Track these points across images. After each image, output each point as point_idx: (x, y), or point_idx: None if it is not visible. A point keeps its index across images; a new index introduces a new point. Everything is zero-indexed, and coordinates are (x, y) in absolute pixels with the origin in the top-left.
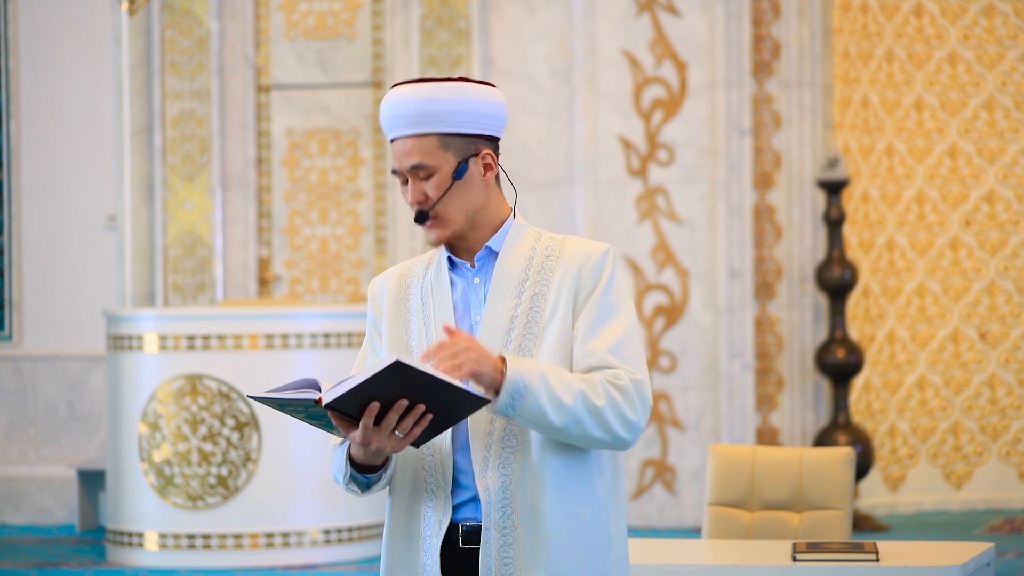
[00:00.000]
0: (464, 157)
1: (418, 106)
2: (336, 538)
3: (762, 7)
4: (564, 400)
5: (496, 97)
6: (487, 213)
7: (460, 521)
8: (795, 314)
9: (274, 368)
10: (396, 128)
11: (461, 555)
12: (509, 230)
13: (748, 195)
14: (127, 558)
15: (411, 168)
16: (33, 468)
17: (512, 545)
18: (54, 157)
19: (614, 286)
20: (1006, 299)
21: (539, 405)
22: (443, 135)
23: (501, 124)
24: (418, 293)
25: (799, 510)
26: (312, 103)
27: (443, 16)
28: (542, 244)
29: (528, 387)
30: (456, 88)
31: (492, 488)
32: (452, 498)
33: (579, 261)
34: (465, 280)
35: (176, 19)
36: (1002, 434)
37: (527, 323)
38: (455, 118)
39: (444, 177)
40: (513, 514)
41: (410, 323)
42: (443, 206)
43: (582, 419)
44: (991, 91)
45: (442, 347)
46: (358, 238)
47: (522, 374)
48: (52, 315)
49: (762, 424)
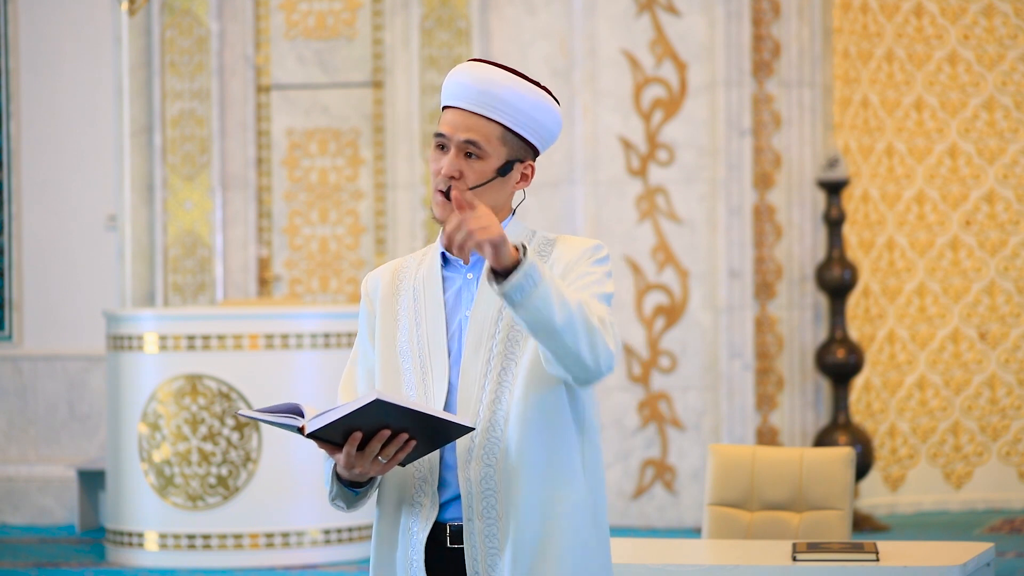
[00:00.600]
0: (514, 158)
1: (499, 91)
2: (336, 538)
3: (762, 7)
4: (568, 301)
5: (559, 116)
6: (497, 212)
7: (447, 521)
8: (795, 314)
9: (274, 368)
10: (464, 99)
11: (448, 555)
12: (507, 227)
13: (748, 195)
14: (127, 558)
15: (463, 142)
16: (33, 468)
17: (496, 535)
18: (54, 157)
19: (602, 266)
20: (1006, 299)
21: (547, 295)
22: (508, 129)
23: (551, 142)
24: (410, 289)
25: (799, 510)
26: (312, 103)
27: (443, 16)
28: (536, 241)
29: (542, 276)
30: (536, 92)
31: (474, 479)
32: (439, 495)
33: (568, 255)
34: (459, 276)
35: (176, 19)
36: (1002, 434)
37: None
38: (525, 120)
39: (490, 168)
40: (497, 504)
41: (400, 319)
42: (476, 194)
43: (577, 327)
44: (991, 91)
45: (467, 216)
46: (358, 238)
47: (536, 263)
48: (52, 315)
49: (762, 424)
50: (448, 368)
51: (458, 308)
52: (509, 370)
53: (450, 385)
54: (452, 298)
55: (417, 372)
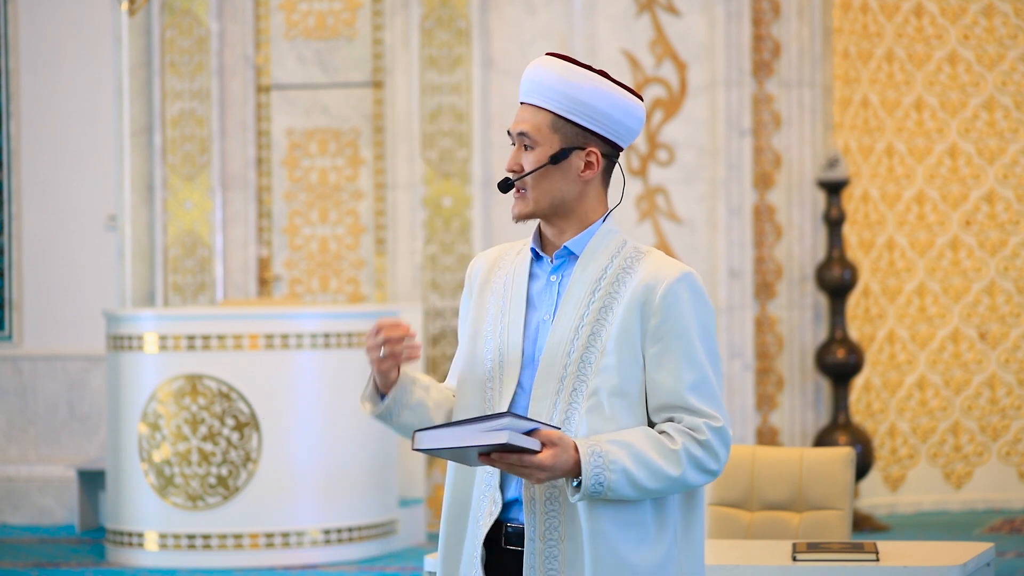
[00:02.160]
0: (569, 146)
1: (548, 80)
2: (336, 538)
3: (762, 7)
4: (646, 485)
5: (632, 105)
6: (578, 209)
7: (507, 520)
8: (795, 314)
9: (274, 368)
10: (525, 93)
11: (505, 554)
12: (595, 234)
13: (748, 195)
14: (127, 558)
15: (518, 134)
16: (33, 468)
17: (557, 557)
18: (54, 157)
19: (690, 315)
20: (1006, 299)
21: (619, 495)
22: (558, 116)
23: (625, 133)
24: (502, 279)
25: (799, 510)
26: (312, 103)
27: (443, 16)
28: (623, 255)
29: (606, 485)
30: (590, 79)
31: (539, 499)
32: (502, 495)
33: (652, 282)
34: (544, 275)
35: (176, 19)
36: (1002, 434)
37: (591, 335)
38: (576, 106)
39: (542, 156)
40: (560, 525)
41: (489, 307)
42: (531, 183)
43: (664, 490)
44: (991, 91)
45: (528, 463)
46: (358, 238)
47: (599, 474)
48: (52, 315)
49: (762, 424)
50: (520, 368)
51: (538, 309)
52: (580, 391)
53: (520, 386)
54: (535, 296)
55: (495, 365)
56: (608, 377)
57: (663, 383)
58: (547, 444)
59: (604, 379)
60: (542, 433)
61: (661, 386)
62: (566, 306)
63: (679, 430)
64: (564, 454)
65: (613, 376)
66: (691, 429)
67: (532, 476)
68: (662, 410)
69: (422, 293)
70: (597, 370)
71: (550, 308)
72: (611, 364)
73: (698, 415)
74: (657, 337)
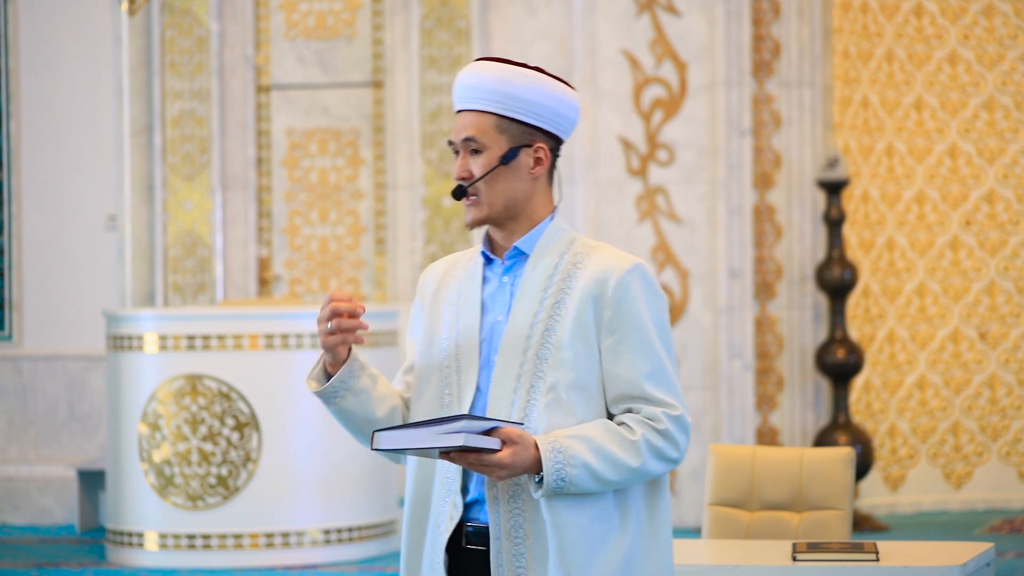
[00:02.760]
0: (517, 145)
1: (486, 83)
2: (336, 538)
3: (762, 7)
4: (607, 477)
5: (568, 98)
6: (528, 208)
7: (468, 521)
8: (795, 314)
9: (274, 368)
10: (461, 100)
11: (467, 555)
12: (544, 231)
13: (748, 195)
14: (127, 558)
15: (463, 140)
16: (33, 468)
17: (524, 555)
18: (54, 157)
19: (643, 306)
20: (1006, 299)
21: (581, 489)
22: (502, 117)
23: (566, 125)
24: (456, 286)
25: (799, 510)
26: (312, 103)
27: (443, 16)
28: (573, 250)
29: (568, 480)
30: (528, 76)
31: (502, 497)
32: (462, 497)
33: (603, 275)
34: (496, 278)
35: (176, 19)
36: (1002, 434)
37: (545, 331)
38: (518, 104)
39: (492, 158)
40: (525, 523)
41: (444, 314)
42: (484, 187)
43: (626, 481)
44: (991, 91)
45: (488, 462)
46: (358, 238)
47: (560, 470)
48: (52, 315)
49: (762, 424)
50: (478, 370)
51: (492, 311)
52: (537, 387)
53: (478, 389)
54: (488, 299)
55: (453, 370)
56: (565, 371)
57: (620, 374)
58: (507, 442)
59: (561, 373)
60: (502, 431)
61: (618, 377)
62: (520, 305)
63: (638, 420)
64: (524, 452)
65: (570, 370)
66: (650, 419)
67: (493, 474)
68: (620, 401)
69: None
70: (554, 365)
71: (504, 309)
72: (567, 358)
73: (656, 404)
74: (612, 329)
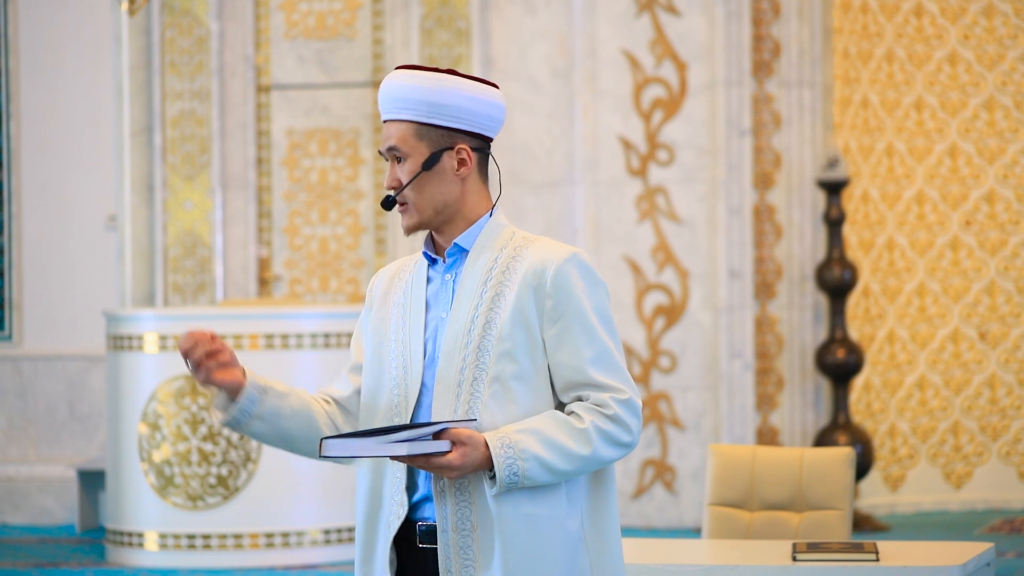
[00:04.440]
0: (438, 149)
1: (401, 91)
2: (336, 538)
3: (762, 7)
4: (560, 468)
5: (486, 96)
6: (462, 208)
7: (418, 520)
8: (795, 314)
9: (274, 368)
10: (383, 110)
11: (418, 553)
12: (483, 228)
13: (748, 195)
14: (127, 558)
15: (387, 150)
16: (33, 468)
17: (471, 547)
18: (54, 157)
19: (583, 294)
20: (1006, 299)
21: (535, 482)
22: (419, 124)
23: (489, 123)
24: (402, 288)
25: (799, 510)
26: (312, 103)
27: (443, 16)
28: (512, 244)
29: (520, 474)
30: (438, 80)
31: (448, 491)
32: (409, 496)
33: (541, 266)
34: (439, 276)
35: (176, 19)
36: (1002, 434)
37: (485, 324)
38: (432, 109)
39: (414, 165)
40: (471, 515)
41: (391, 317)
42: (411, 194)
43: (580, 470)
44: (991, 91)
45: (438, 464)
46: (358, 238)
47: (511, 464)
48: (52, 315)
49: (762, 424)
50: (423, 368)
51: (436, 309)
52: (480, 380)
53: (424, 385)
54: (432, 298)
55: (399, 370)
56: (507, 363)
57: (565, 362)
58: (456, 443)
59: (503, 365)
60: (451, 432)
61: (563, 365)
62: (460, 300)
63: (586, 408)
64: (474, 452)
65: (512, 361)
66: (598, 405)
67: (445, 475)
68: (568, 389)
69: None
70: (495, 357)
71: (446, 305)
72: (509, 349)
73: (604, 390)
74: (554, 319)
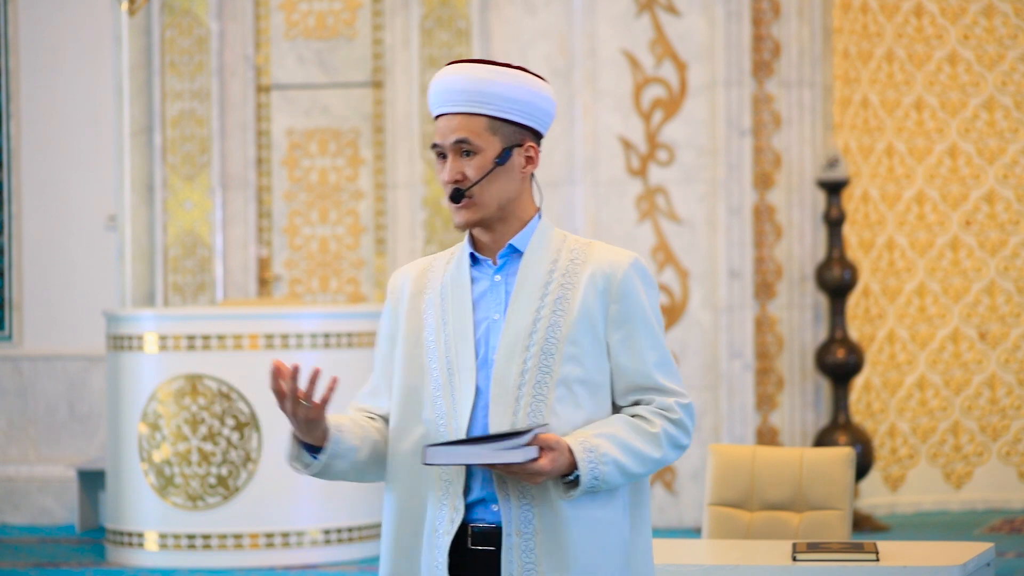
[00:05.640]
0: (510, 144)
1: (474, 85)
2: (336, 538)
3: (762, 7)
4: (633, 471)
5: (549, 93)
6: (517, 208)
7: (471, 522)
8: (795, 314)
9: None
10: (446, 104)
11: (471, 556)
12: (535, 230)
13: (748, 195)
14: (127, 558)
15: (455, 143)
16: (33, 468)
17: (534, 550)
18: (54, 157)
19: (645, 299)
20: (1006, 299)
21: (611, 485)
22: (493, 118)
23: (548, 121)
24: (437, 288)
25: (799, 510)
26: (312, 103)
27: (443, 16)
28: (568, 247)
29: (601, 479)
30: (514, 76)
31: (511, 493)
32: (464, 498)
33: (608, 270)
34: (486, 277)
35: (176, 19)
36: (1002, 434)
37: (550, 326)
38: (508, 104)
39: (487, 160)
40: (534, 518)
41: (426, 318)
42: (480, 189)
43: (648, 473)
44: (991, 91)
45: (528, 471)
46: (358, 238)
47: (594, 469)
48: (52, 315)
49: (762, 424)
50: (476, 371)
51: (485, 310)
52: (545, 383)
53: (478, 389)
54: (479, 299)
55: (443, 373)
56: (573, 366)
57: (630, 366)
58: (544, 448)
59: (570, 368)
60: (539, 438)
61: (628, 369)
62: (518, 302)
63: (654, 412)
64: (561, 457)
65: (578, 364)
66: (664, 409)
67: (532, 480)
68: (630, 392)
69: None
70: (561, 360)
71: (499, 307)
72: (576, 353)
73: (668, 394)
74: (619, 323)
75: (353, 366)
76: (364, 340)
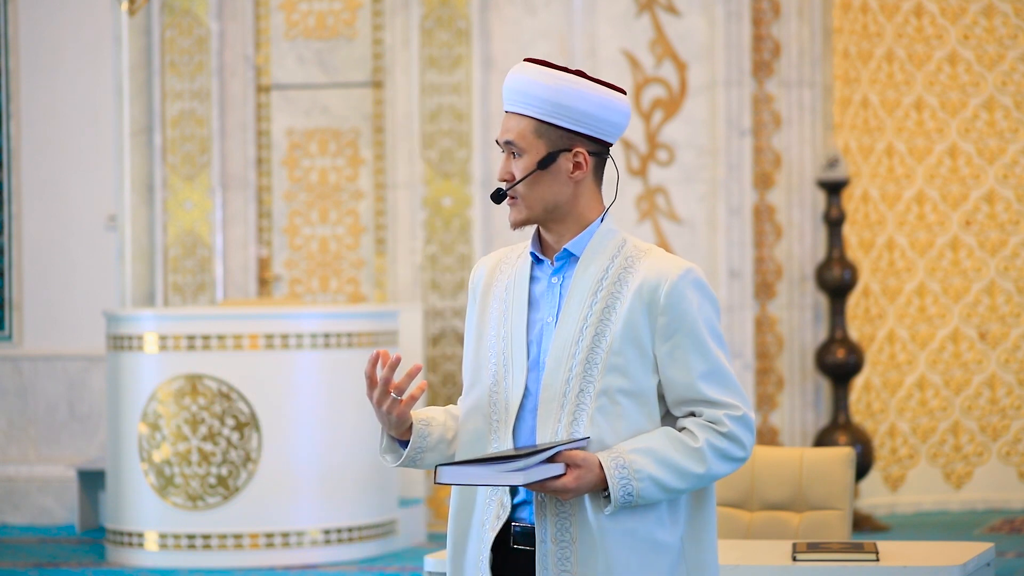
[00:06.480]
0: (555, 149)
1: (525, 86)
2: (336, 538)
3: (762, 7)
4: (674, 486)
5: (611, 102)
6: (573, 211)
7: (515, 520)
8: (795, 314)
9: (274, 368)
10: (508, 102)
11: (513, 554)
12: (594, 234)
13: (748, 195)
14: (127, 558)
15: (505, 143)
16: (33, 468)
17: (570, 559)
18: (54, 157)
19: (696, 310)
20: (1006, 299)
21: (650, 500)
22: (540, 122)
23: (610, 129)
24: (504, 283)
25: (799, 510)
26: (312, 103)
27: (443, 16)
28: (624, 254)
29: (635, 494)
30: (565, 81)
31: (549, 502)
32: (511, 497)
33: (656, 280)
34: (545, 277)
35: (176, 19)
36: (1002, 434)
37: (595, 335)
38: (555, 109)
39: (529, 162)
40: (571, 527)
41: (492, 312)
42: (522, 190)
43: (694, 487)
44: (991, 91)
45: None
46: (358, 238)
47: (626, 485)
48: (52, 315)
49: (762, 424)
50: (527, 371)
51: (541, 310)
52: (587, 392)
53: (527, 391)
54: (538, 299)
55: (500, 369)
56: (616, 377)
57: (677, 379)
58: (571, 465)
59: (612, 379)
60: (565, 455)
61: (676, 382)
62: (569, 307)
63: (700, 425)
64: (588, 474)
65: (621, 376)
66: (712, 422)
67: (560, 496)
68: (681, 405)
69: (422, 293)
70: (604, 370)
71: (553, 310)
72: (619, 363)
73: (717, 407)
74: (667, 335)
75: (353, 366)
76: (364, 340)
